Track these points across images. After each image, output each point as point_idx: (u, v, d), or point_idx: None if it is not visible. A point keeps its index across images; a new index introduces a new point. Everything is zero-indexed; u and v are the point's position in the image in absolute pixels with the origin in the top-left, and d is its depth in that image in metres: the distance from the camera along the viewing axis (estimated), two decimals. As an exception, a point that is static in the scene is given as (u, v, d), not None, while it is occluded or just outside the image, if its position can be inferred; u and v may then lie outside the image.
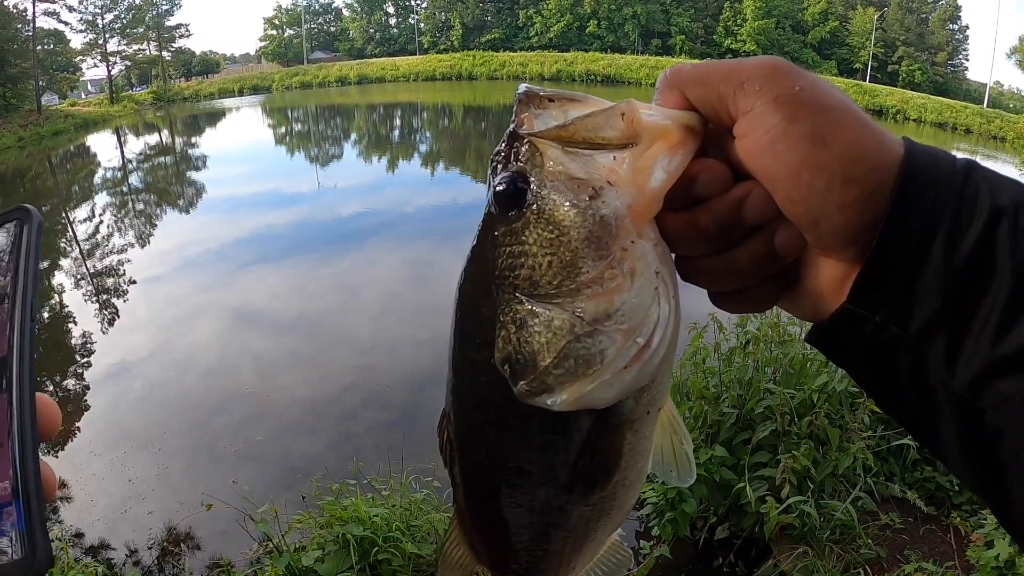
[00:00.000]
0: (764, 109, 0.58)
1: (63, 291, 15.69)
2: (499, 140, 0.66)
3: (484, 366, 0.66)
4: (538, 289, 0.62)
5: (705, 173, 0.62)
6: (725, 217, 0.62)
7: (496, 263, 0.64)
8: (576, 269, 0.60)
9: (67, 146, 47.34)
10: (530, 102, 0.64)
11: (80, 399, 10.08)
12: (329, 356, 10.82)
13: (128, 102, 66.44)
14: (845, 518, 4.70)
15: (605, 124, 0.61)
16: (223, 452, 8.08)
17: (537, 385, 0.62)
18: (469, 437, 0.73)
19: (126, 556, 6.38)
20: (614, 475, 0.70)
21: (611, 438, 0.67)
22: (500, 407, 0.67)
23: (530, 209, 0.62)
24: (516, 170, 0.63)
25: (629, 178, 0.60)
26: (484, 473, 0.74)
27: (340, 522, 4.57)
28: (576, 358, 0.61)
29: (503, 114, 48.77)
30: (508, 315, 0.63)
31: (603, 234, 0.60)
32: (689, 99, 0.63)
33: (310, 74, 77.38)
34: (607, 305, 0.60)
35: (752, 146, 0.59)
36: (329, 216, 21.02)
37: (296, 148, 39.26)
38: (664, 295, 0.62)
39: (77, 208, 26.69)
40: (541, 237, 0.62)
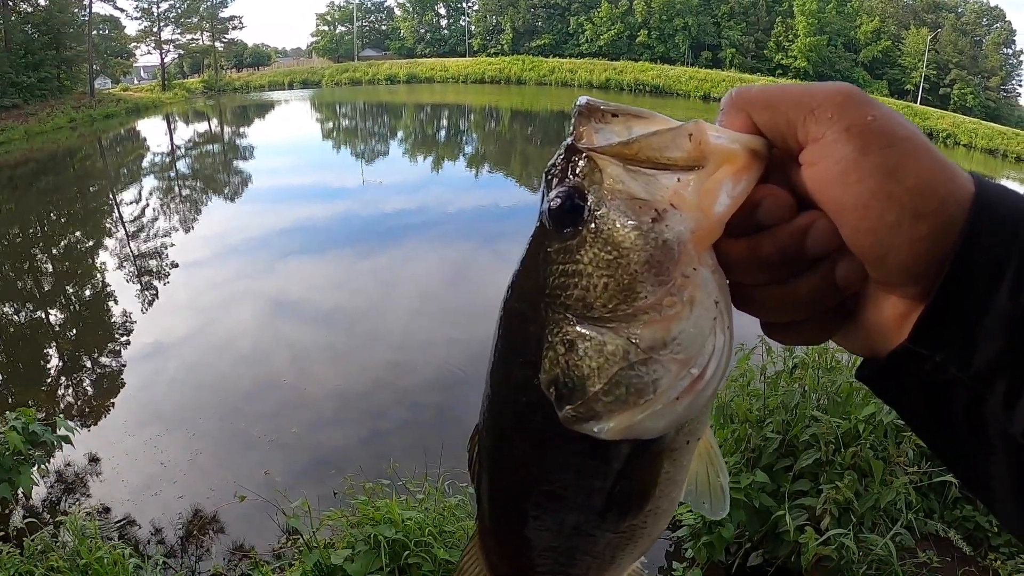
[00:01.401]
0: (835, 138, 0.56)
1: (106, 270, 15.90)
2: (546, 145, 0.55)
3: (526, 386, 0.63)
4: (592, 311, 0.59)
5: (769, 200, 0.60)
6: (788, 246, 0.59)
7: (547, 281, 0.61)
8: (634, 293, 0.57)
9: (117, 129, 48.26)
10: (591, 115, 0.61)
11: (116, 377, 10.20)
12: (363, 351, 10.83)
13: (179, 90, 67.54)
14: (883, 553, 4.58)
15: (672, 144, 0.58)
16: (256, 440, 8.08)
17: (585, 411, 0.60)
18: (503, 456, 0.71)
19: (150, 534, 6.40)
20: (648, 504, 0.67)
21: (650, 467, 0.64)
22: (539, 429, 0.64)
23: (587, 227, 0.59)
24: (573, 185, 0.60)
25: (694, 202, 0.57)
26: (514, 493, 0.72)
27: (372, 522, 4.53)
28: (628, 386, 0.58)
29: (550, 119, 48.87)
30: (557, 336, 0.60)
31: (664, 259, 0.57)
32: (756, 122, 0.60)
33: (360, 71, 78.04)
34: (664, 333, 0.57)
35: (821, 175, 0.57)
36: (372, 212, 21.14)
37: (343, 143, 39.60)
38: (721, 326, 0.59)
39: (124, 190, 27.13)
40: (598, 257, 0.58)
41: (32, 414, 5.26)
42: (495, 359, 0.66)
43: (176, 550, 6.20)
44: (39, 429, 5.15)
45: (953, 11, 79.04)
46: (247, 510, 5.92)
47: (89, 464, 7.59)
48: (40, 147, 38.02)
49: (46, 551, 4.20)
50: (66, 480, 7.34)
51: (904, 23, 77.27)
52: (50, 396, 9.55)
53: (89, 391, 9.80)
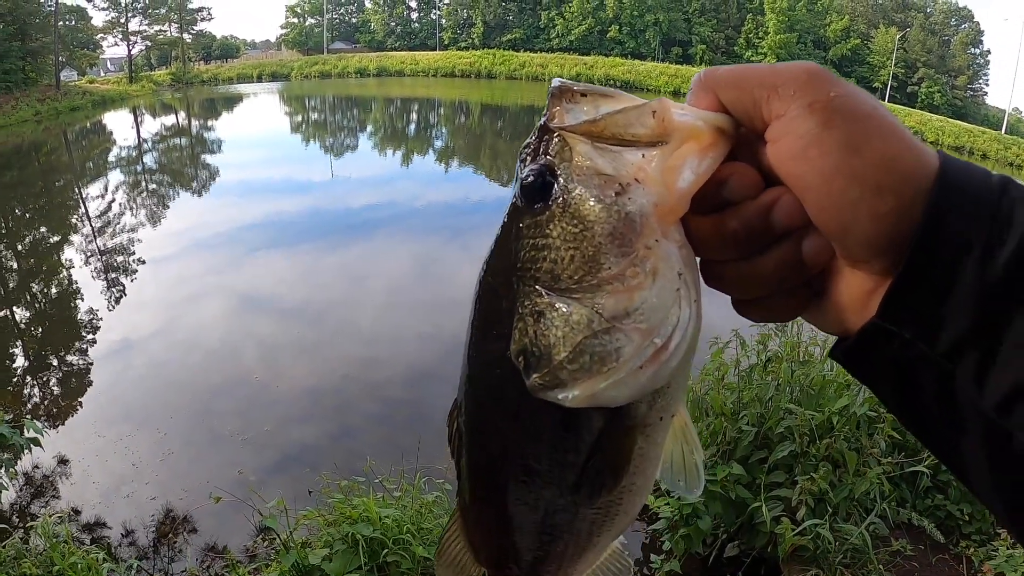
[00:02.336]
0: (798, 114, 0.57)
1: (72, 267, 15.70)
2: (515, 139, 0.59)
3: (500, 358, 0.64)
4: (559, 283, 0.61)
5: (736, 177, 0.61)
6: (753, 222, 0.61)
7: (519, 255, 0.63)
8: (598, 264, 0.59)
9: (84, 122, 47.57)
10: (563, 96, 0.63)
11: (84, 376, 10.09)
12: (334, 346, 10.79)
13: (146, 82, 66.70)
14: (858, 543, 4.65)
15: (636, 121, 0.60)
16: (228, 438, 8.03)
17: (550, 379, 0.61)
18: (480, 429, 0.72)
19: (122, 536, 6.33)
20: (622, 479, 0.68)
21: (622, 441, 0.66)
22: (513, 401, 0.65)
23: (556, 202, 0.61)
24: (545, 163, 0.62)
25: (657, 176, 0.59)
26: (492, 467, 0.73)
27: (349, 521, 4.50)
28: (592, 354, 0.60)
29: (520, 114, 48.85)
30: (527, 307, 0.62)
31: (627, 231, 0.59)
32: (723, 101, 0.61)
33: (329, 64, 77.51)
34: (627, 303, 0.59)
35: (784, 151, 0.58)
36: (340, 206, 21.08)
37: (312, 137, 39.34)
38: (686, 298, 0.60)
39: (90, 185, 26.75)
40: (565, 231, 0.61)
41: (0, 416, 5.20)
42: (471, 334, 0.68)
43: (150, 552, 6.14)
44: (7, 431, 5.07)
45: (922, 11, 79.99)
46: (221, 510, 5.89)
47: (58, 466, 7.49)
48: (4, 141, 37.39)
49: (18, 557, 4.16)
50: (35, 482, 7.25)
51: (873, 22, 78.06)
52: (16, 396, 9.41)
53: (56, 390, 9.68)
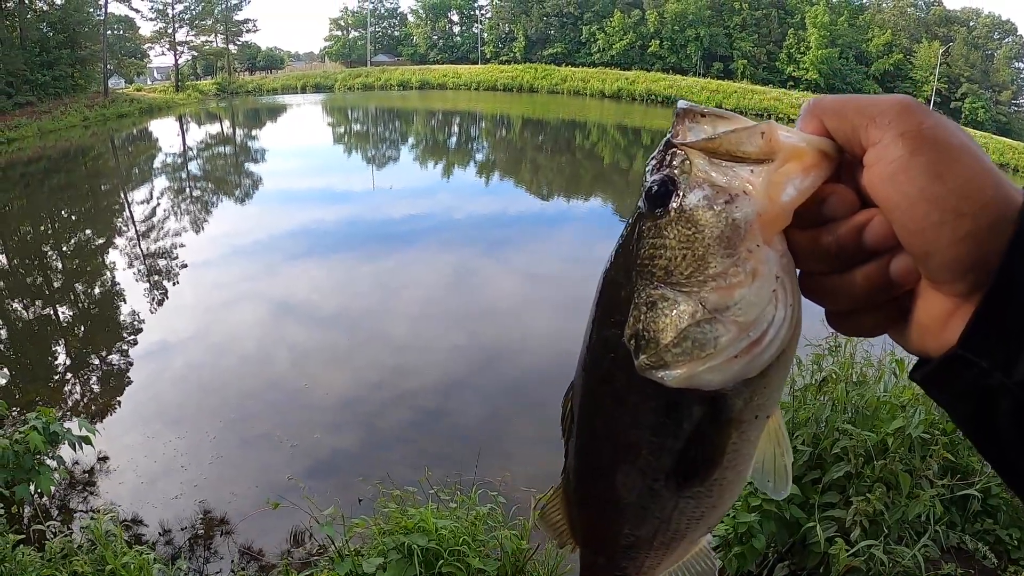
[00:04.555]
0: (891, 142, 0.62)
1: (115, 269, 15.92)
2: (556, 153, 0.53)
3: (615, 344, 0.71)
4: (671, 277, 0.68)
5: (834, 196, 0.66)
6: (847, 239, 0.66)
7: (639, 253, 0.70)
8: (705, 263, 0.66)
9: (130, 129, 48.44)
10: (686, 116, 0.70)
11: (125, 375, 10.17)
12: (372, 355, 10.84)
13: (192, 91, 67.84)
14: (910, 565, 4.53)
15: (747, 140, 0.66)
16: (277, 445, 8.07)
17: (656, 360, 0.68)
18: (589, 409, 0.79)
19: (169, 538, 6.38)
20: (715, 472, 0.74)
21: (718, 434, 0.71)
22: (623, 384, 0.72)
23: (674, 209, 0.68)
24: (667, 175, 0.69)
25: (762, 189, 0.65)
26: (596, 446, 0.80)
27: (404, 531, 4.51)
28: (693, 340, 0.66)
29: (561, 128, 48.84)
30: (643, 298, 0.69)
31: (732, 235, 0.65)
32: (827, 127, 0.67)
33: (372, 76, 78.23)
34: (727, 298, 0.65)
35: (876, 175, 0.63)
36: (380, 216, 21.21)
37: (354, 148, 39.67)
38: (782, 300, 0.66)
39: (135, 189, 27.19)
40: (680, 233, 0.67)
41: (52, 414, 5.21)
42: (591, 322, 0.75)
43: (196, 555, 6.17)
44: (59, 430, 5.10)
45: (965, 24, 78.86)
46: (265, 514, 5.95)
47: (101, 464, 7.56)
48: (53, 144, 38.21)
49: (68, 555, 4.14)
50: (80, 481, 7.30)
51: (916, 36, 77.05)
52: (57, 393, 9.52)
53: (98, 390, 9.80)
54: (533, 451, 8.05)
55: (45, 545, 4.28)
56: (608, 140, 43.18)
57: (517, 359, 10.82)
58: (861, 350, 6.25)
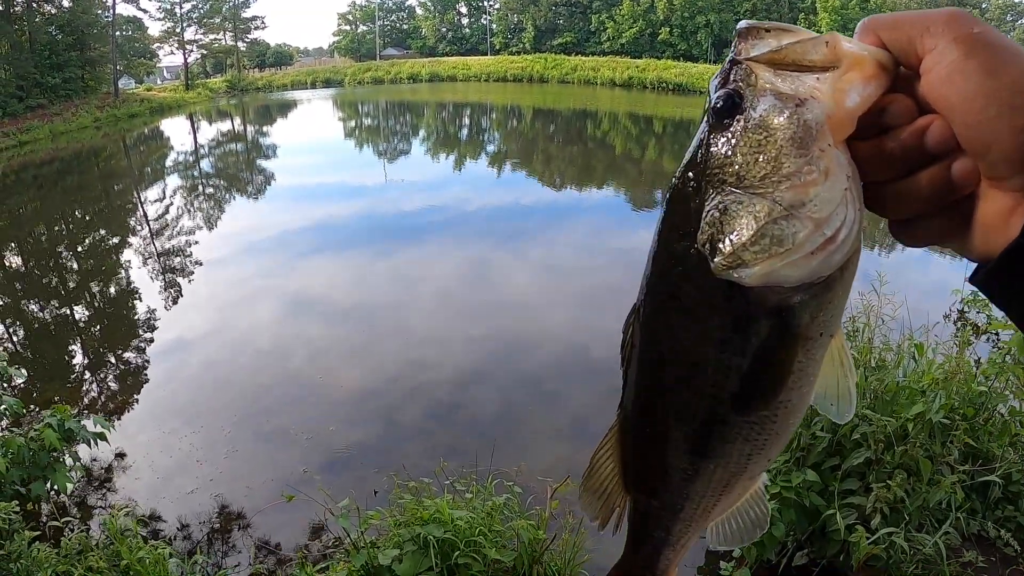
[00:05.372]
0: (945, 47, 0.65)
1: (130, 267, 16.00)
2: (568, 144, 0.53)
3: (684, 257, 0.72)
4: (744, 181, 0.69)
5: (895, 104, 0.69)
6: (909, 144, 0.68)
7: (709, 163, 0.71)
8: (779, 164, 0.68)
9: (141, 128, 48.60)
10: (748, 34, 0.71)
11: (143, 373, 10.22)
12: (387, 348, 10.80)
13: (202, 89, 68.06)
14: (931, 553, 4.52)
15: (812, 49, 0.68)
16: (293, 438, 8.09)
17: (733, 260, 0.69)
18: (654, 329, 0.79)
19: (186, 532, 6.39)
20: (780, 392, 0.74)
21: (785, 351, 0.72)
22: (691, 297, 0.73)
23: (743, 117, 0.69)
24: (733, 87, 0.70)
25: (829, 94, 0.67)
26: (660, 367, 0.80)
27: (420, 522, 4.49)
28: (771, 237, 0.68)
29: (573, 117, 48.70)
30: (715, 203, 0.70)
31: (805, 136, 0.67)
32: (883, 40, 0.69)
33: (382, 70, 78.19)
34: (803, 195, 0.67)
35: (934, 79, 0.66)
36: (393, 210, 21.14)
37: (365, 142, 39.62)
38: (851, 201, 0.68)
39: (148, 189, 27.28)
40: (751, 139, 0.69)
41: (67, 411, 5.22)
42: (659, 236, 0.75)
43: (212, 549, 6.17)
44: (75, 426, 5.11)
45: (977, 7, 77.85)
46: (282, 507, 5.96)
47: (118, 461, 7.60)
48: (65, 146, 38.40)
49: (84, 551, 4.15)
50: (97, 477, 7.33)
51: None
52: (75, 392, 9.58)
53: (116, 387, 9.82)
54: (549, 443, 8.03)
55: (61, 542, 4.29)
56: (620, 129, 42.93)
57: (533, 351, 10.78)
58: (880, 335, 6.21)
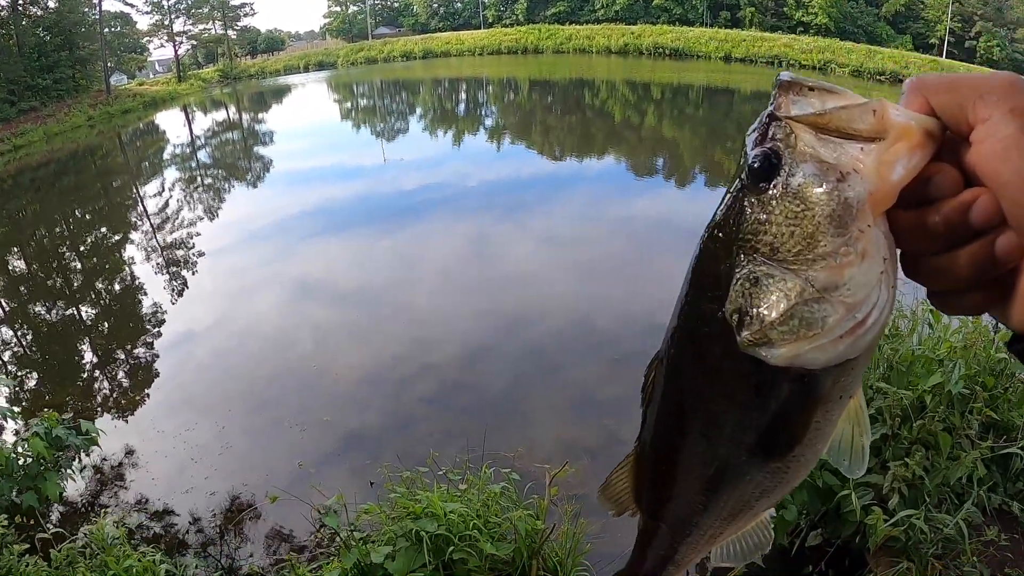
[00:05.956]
0: (1000, 118, 0.62)
1: (133, 263, 15.88)
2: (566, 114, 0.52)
3: (711, 318, 0.71)
4: (777, 255, 0.67)
5: (940, 175, 0.66)
6: (953, 218, 0.66)
7: (741, 227, 0.69)
8: (815, 241, 0.66)
9: (136, 124, 48.38)
10: (791, 89, 0.68)
11: (148, 369, 10.13)
12: (388, 329, 10.77)
13: (195, 80, 67.59)
14: (952, 533, 4.35)
15: (858, 117, 0.66)
16: (287, 430, 7.97)
17: (760, 337, 0.68)
18: (678, 380, 0.78)
19: (181, 533, 6.32)
20: (795, 449, 0.75)
21: (804, 413, 0.72)
22: (717, 358, 0.72)
23: (781, 184, 0.67)
24: (771, 147, 0.67)
25: (874, 168, 0.65)
26: (682, 415, 0.80)
27: (412, 516, 4.34)
28: (801, 319, 0.67)
29: (570, 87, 48.30)
30: (745, 273, 0.69)
31: (845, 214, 0.65)
32: (932, 105, 0.66)
33: (375, 49, 77.52)
34: (837, 278, 0.65)
35: (986, 152, 0.63)
36: (393, 189, 21.06)
37: (362, 123, 39.35)
38: (886, 282, 0.67)
39: (147, 183, 27.12)
40: (787, 209, 0.66)
41: (55, 418, 5.08)
42: (686, 292, 0.74)
43: (209, 549, 6.06)
44: (63, 433, 4.96)
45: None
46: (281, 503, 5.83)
47: (119, 462, 7.53)
48: (60, 147, 38.19)
49: (72, 562, 4.02)
50: (97, 480, 7.24)
51: (927, -25, 75.04)
52: (85, 392, 9.50)
53: (121, 385, 9.77)
54: (553, 420, 7.98)
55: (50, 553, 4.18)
56: (618, 97, 42.56)
57: (536, 325, 10.70)
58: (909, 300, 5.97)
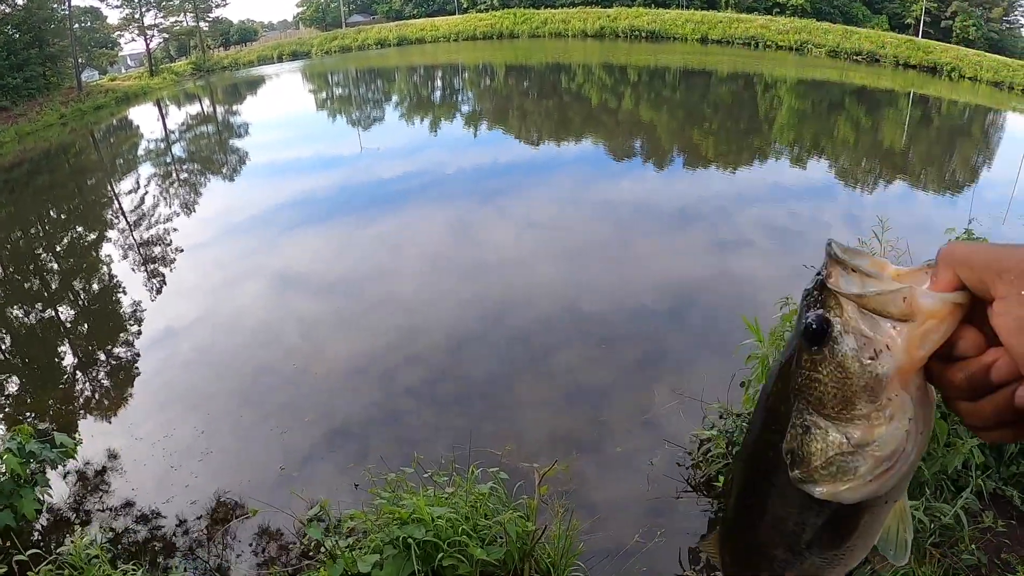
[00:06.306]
0: (1016, 300, 0.70)
1: (111, 262, 15.69)
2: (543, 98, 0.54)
3: (773, 446, 0.86)
4: (824, 409, 0.80)
5: (964, 340, 0.75)
6: (977, 375, 0.75)
7: (798, 379, 0.82)
8: (852, 405, 0.78)
9: (109, 120, 47.67)
10: (838, 263, 0.80)
11: (129, 370, 9.96)
12: (372, 319, 10.71)
13: (168, 74, 66.80)
14: (950, 522, 4.40)
15: (890, 303, 0.76)
16: (269, 433, 7.85)
17: (806, 476, 0.83)
18: (749, 484, 0.96)
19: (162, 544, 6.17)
20: (847, 543, 0.89)
21: (853, 517, 0.86)
22: (778, 477, 0.87)
23: (828, 350, 0.79)
24: (822, 315, 0.79)
25: (903, 346, 0.76)
26: (751, 513, 0.96)
27: (399, 522, 4.26)
28: (838, 467, 0.80)
29: (546, 72, 48.15)
30: (799, 419, 0.83)
31: (876, 387, 0.77)
32: (960, 277, 0.75)
33: (349, 37, 76.86)
34: (869, 436, 0.78)
35: (1003, 326, 0.72)
36: (371, 178, 20.97)
37: (338, 112, 39.05)
38: (912, 437, 0.79)
39: (122, 180, 26.79)
40: (832, 374, 0.79)
41: (28, 432, 4.96)
42: (759, 421, 0.91)
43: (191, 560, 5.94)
44: (36, 448, 4.84)
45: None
46: (266, 511, 5.75)
47: (99, 472, 7.36)
48: (33, 147, 37.56)
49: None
50: (75, 493, 7.07)
51: (903, -45, 75.00)
52: (64, 397, 9.35)
53: (100, 389, 9.60)
54: (540, 411, 7.96)
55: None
56: (594, 80, 42.43)
57: (521, 311, 10.69)
58: None
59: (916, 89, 41.47)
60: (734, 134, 27.49)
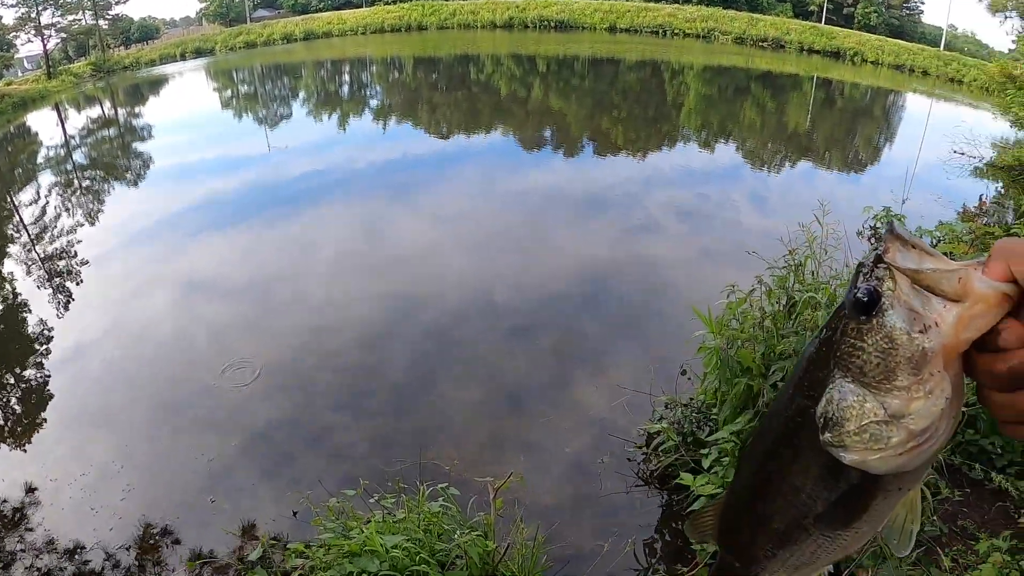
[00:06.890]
0: None
1: (13, 279, 15.26)
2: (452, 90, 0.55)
3: (803, 411, 0.90)
4: (864, 377, 0.83)
5: (1008, 331, 0.78)
6: (1016, 368, 0.78)
7: (840, 347, 0.86)
8: (894, 375, 0.81)
9: (6, 127, 45.84)
10: (897, 240, 0.83)
11: (42, 389, 9.73)
12: (287, 323, 10.65)
13: (66, 76, 64.34)
14: None
15: (945, 281, 0.79)
16: (193, 461, 7.37)
17: (837, 441, 0.86)
18: (769, 452, 0.99)
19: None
20: (855, 524, 0.94)
21: (866, 497, 0.90)
22: (802, 442, 0.91)
23: (877, 321, 0.82)
24: (874, 285, 0.83)
25: (951, 325, 0.79)
26: (767, 479, 1.00)
27: (349, 556, 3.94)
28: (871, 434, 0.83)
29: (455, 63, 48.09)
30: (835, 386, 0.86)
31: (920, 360, 0.80)
32: (1012, 270, 0.77)
33: (254, 33, 75.21)
34: (906, 407, 0.81)
35: None
36: (279, 178, 20.78)
37: (244, 111, 38.34)
38: (946, 416, 0.82)
39: (22, 191, 25.92)
40: (877, 344, 0.82)
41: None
42: (790, 386, 0.94)
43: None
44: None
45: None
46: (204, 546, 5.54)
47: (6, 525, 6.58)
48: (-77, 161, 35.99)
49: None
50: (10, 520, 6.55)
51: (806, -56, 76.84)
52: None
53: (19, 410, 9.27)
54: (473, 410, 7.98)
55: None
56: (503, 71, 42.64)
57: (435, 303, 10.86)
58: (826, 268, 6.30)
59: (820, 73, 43.14)
60: (643, 121, 28.14)
